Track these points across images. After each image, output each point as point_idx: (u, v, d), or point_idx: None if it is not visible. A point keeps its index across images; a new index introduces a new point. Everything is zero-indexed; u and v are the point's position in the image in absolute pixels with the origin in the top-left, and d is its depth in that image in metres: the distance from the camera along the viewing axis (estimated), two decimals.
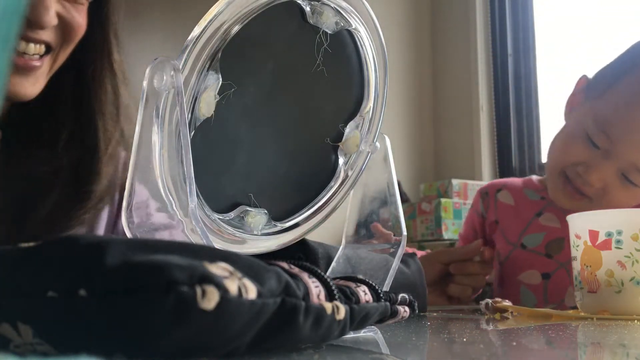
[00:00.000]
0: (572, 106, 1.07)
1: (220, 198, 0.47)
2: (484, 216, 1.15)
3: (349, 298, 0.35)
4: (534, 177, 1.18)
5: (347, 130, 0.54)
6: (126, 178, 0.42)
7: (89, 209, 0.73)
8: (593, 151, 0.96)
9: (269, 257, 0.45)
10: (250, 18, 0.45)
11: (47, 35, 0.69)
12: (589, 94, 1.03)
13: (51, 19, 0.67)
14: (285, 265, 0.34)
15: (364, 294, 0.37)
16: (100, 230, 0.78)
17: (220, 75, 0.44)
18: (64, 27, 0.70)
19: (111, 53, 0.76)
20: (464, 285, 1.00)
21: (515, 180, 1.18)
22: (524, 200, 1.12)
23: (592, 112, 0.98)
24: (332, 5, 0.50)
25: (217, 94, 0.44)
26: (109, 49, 0.76)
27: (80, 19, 0.71)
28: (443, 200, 2.16)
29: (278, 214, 0.51)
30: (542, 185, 1.13)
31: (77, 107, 0.74)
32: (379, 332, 0.46)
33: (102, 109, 0.75)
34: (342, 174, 0.55)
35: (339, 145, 0.54)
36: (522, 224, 1.09)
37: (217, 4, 0.43)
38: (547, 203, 1.08)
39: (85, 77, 0.75)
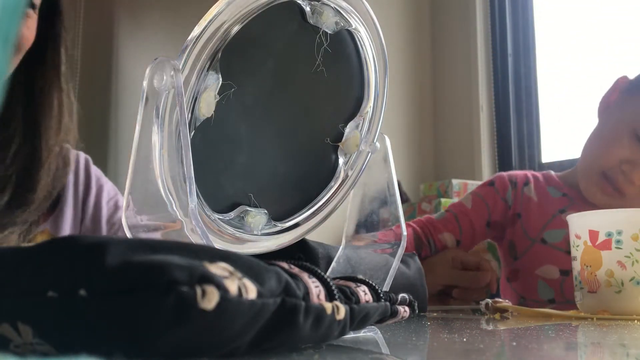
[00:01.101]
0: (608, 104, 1.06)
1: (220, 198, 0.47)
2: (510, 205, 1.14)
3: (349, 298, 0.35)
4: (553, 173, 1.17)
5: (347, 130, 0.54)
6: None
7: (19, 222, 0.73)
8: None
9: (269, 257, 0.45)
10: (250, 18, 0.45)
11: None
12: (633, 93, 1.02)
13: None
14: (285, 265, 0.34)
15: (364, 294, 0.37)
16: (66, 226, 0.79)
17: (220, 75, 0.44)
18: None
19: (60, 66, 0.76)
20: (465, 301, 1.01)
21: (537, 175, 1.16)
22: (546, 196, 1.11)
23: (638, 110, 0.98)
24: (332, 5, 0.50)
25: (217, 94, 0.44)
26: (59, 62, 0.76)
27: (26, 31, 0.70)
28: (443, 200, 2.15)
29: (278, 214, 0.51)
30: (562, 182, 1.13)
31: (26, 120, 0.75)
32: (379, 332, 0.46)
33: (46, 123, 0.76)
34: (342, 174, 0.55)
35: (339, 145, 0.54)
36: (544, 219, 1.09)
37: (217, 4, 0.43)
38: (570, 201, 1.09)
39: (34, 91, 0.75)
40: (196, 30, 0.43)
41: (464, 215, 1.12)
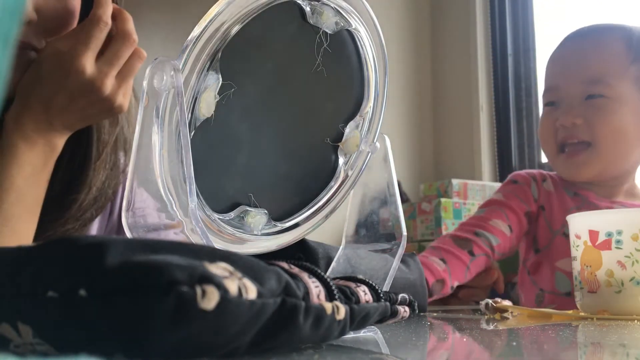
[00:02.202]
0: None
1: (220, 198, 0.47)
2: (536, 198, 1.14)
3: (349, 298, 0.35)
4: None
5: (347, 130, 0.54)
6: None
7: (70, 219, 0.68)
8: (556, 108, 1.10)
9: (269, 257, 0.45)
10: (250, 18, 0.45)
11: (24, 35, 0.61)
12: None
13: (27, 15, 0.60)
14: (285, 265, 0.34)
15: (364, 294, 0.37)
16: (95, 221, 0.76)
17: (220, 75, 0.44)
18: (47, 21, 0.62)
19: None
20: (466, 302, 1.02)
21: (550, 173, 1.18)
22: (563, 193, 1.13)
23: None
24: (332, 5, 0.50)
25: (217, 94, 0.44)
26: None
27: (69, 3, 0.64)
28: (443, 200, 2.15)
29: (278, 214, 0.51)
30: (571, 183, 1.14)
31: None
32: (379, 332, 0.46)
33: None
34: (342, 174, 0.55)
35: (339, 145, 0.54)
36: (565, 213, 1.10)
37: (217, 4, 0.43)
38: (582, 201, 1.10)
39: None
40: (196, 30, 0.43)
41: (504, 206, 1.11)
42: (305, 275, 0.33)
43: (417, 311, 0.43)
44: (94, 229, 0.76)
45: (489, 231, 1.07)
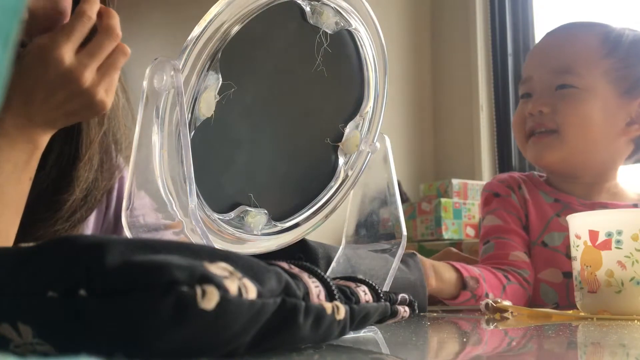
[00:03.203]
0: None
1: (220, 198, 0.47)
2: (522, 207, 1.11)
3: (349, 298, 0.35)
4: (537, 175, 1.16)
5: (347, 130, 0.54)
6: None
7: (60, 220, 0.68)
8: (528, 100, 1.11)
9: (269, 257, 0.45)
10: (250, 18, 0.45)
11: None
12: None
13: None
14: (285, 265, 0.34)
15: (364, 294, 0.37)
16: (90, 219, 0.76)
17: (220, 75, 0.44)
18: (37, 19, 0.62)
19: None
20: None
21: (523, 177, 1.15)
22: (540, 200, 1.10)
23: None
24: (332, 5, 0.50)
25: (217, 94, 0.44)
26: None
27: (61, 3, 0.63)
28: (443, 200, 2.15)
29: (278, 214, 0.51)
30: (551, 188, 1.12)
31: None
32: (379, 332, 0.46)
33: None
34: (342, 174, 0.55)
35: (339, 145, 0.54)
36: (543, 222, 1.07)
37: (217, 4, 0.43)
38: (563, 206, 1.07)
39: None
40: (196, 30, 0.43)
41: (507, 232, 1.07)
42: (305, 275, 0.33)
43: (417, 311, 0.43)
44: (90, 227, 0.76)
45: (516, 267, 1.03)
